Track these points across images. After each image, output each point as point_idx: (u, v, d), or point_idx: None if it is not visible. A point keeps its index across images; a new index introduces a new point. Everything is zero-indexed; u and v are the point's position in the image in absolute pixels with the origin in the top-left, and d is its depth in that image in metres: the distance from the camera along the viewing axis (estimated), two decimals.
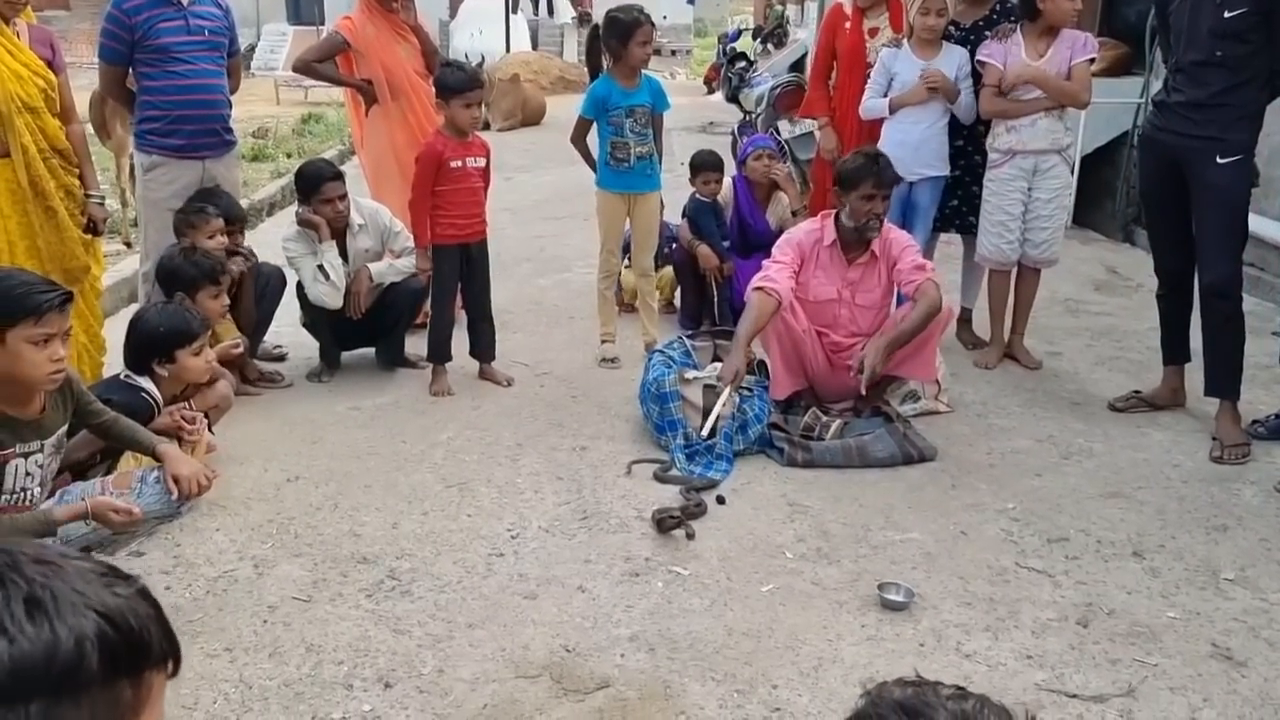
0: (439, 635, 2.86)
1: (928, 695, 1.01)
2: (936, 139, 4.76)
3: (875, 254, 4.13)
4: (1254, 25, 3.69)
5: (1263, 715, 2.52)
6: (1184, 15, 3.86)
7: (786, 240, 4.21)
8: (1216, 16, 3.72)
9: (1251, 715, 2.52)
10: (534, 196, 8.53)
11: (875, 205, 4.03)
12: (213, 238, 4.26)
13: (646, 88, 4.66)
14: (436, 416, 4.32)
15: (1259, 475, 3.72)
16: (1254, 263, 4.84)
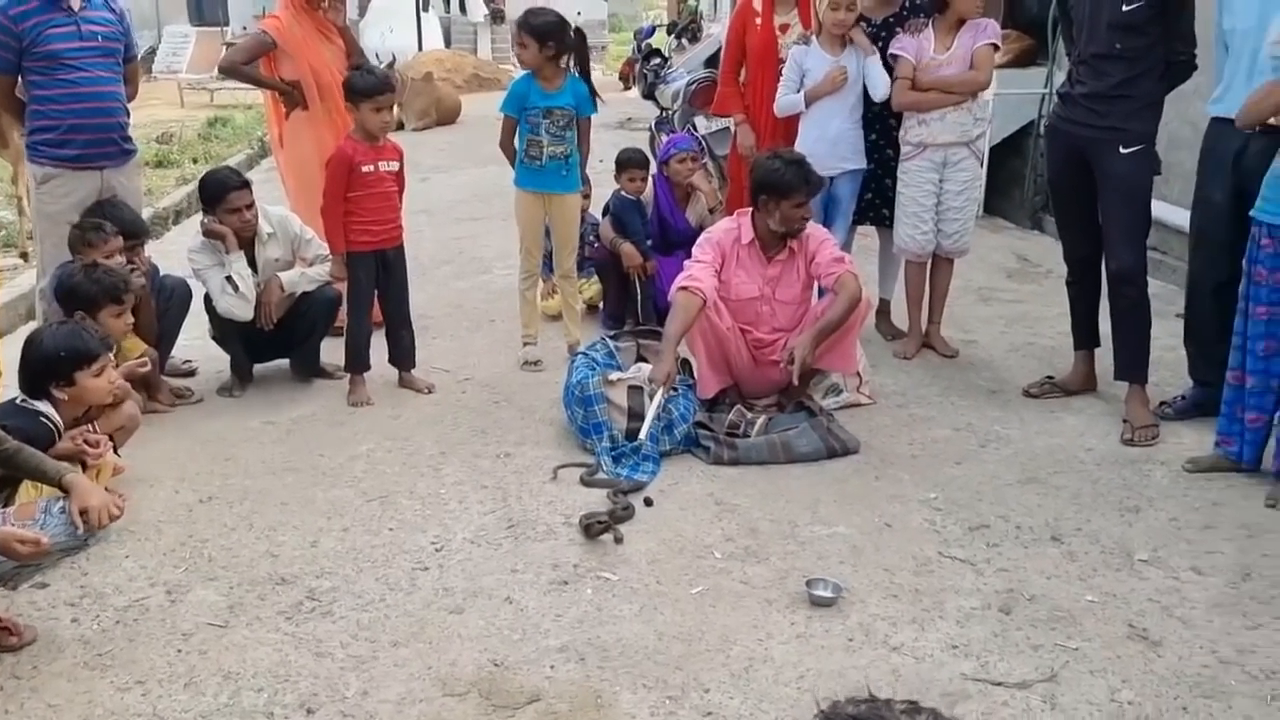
0: (362, 656, 2.79)
1: (882, 711, 1.03)
2: (853, 132, 4.81)
3: (793, 250, 4.15)
4: (1151, 18, 3.79)
5: (1178, 693, 2.59)
6: (1084, 8, 3.94)
7: (706, 239, 4.21)
8: (1115, 10, 3.81)
9: (1167, 694, 2.59)
10: (451, 197, 8.41)
11: (805, 211, 4.07)
12: (110, 257, 4.09)
13: (570, 90, 4.61)
14: (355, 428, 4.22)
15: (1168, 456, 3.82)
16: (1156, 246, 4.99)
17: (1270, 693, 2.58)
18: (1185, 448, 3.86)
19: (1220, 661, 2.70)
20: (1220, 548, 3.22)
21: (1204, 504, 3.48)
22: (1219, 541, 3.25)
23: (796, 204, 4.02)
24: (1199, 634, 2.81)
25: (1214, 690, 2.59)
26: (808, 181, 4.01)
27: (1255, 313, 3.45)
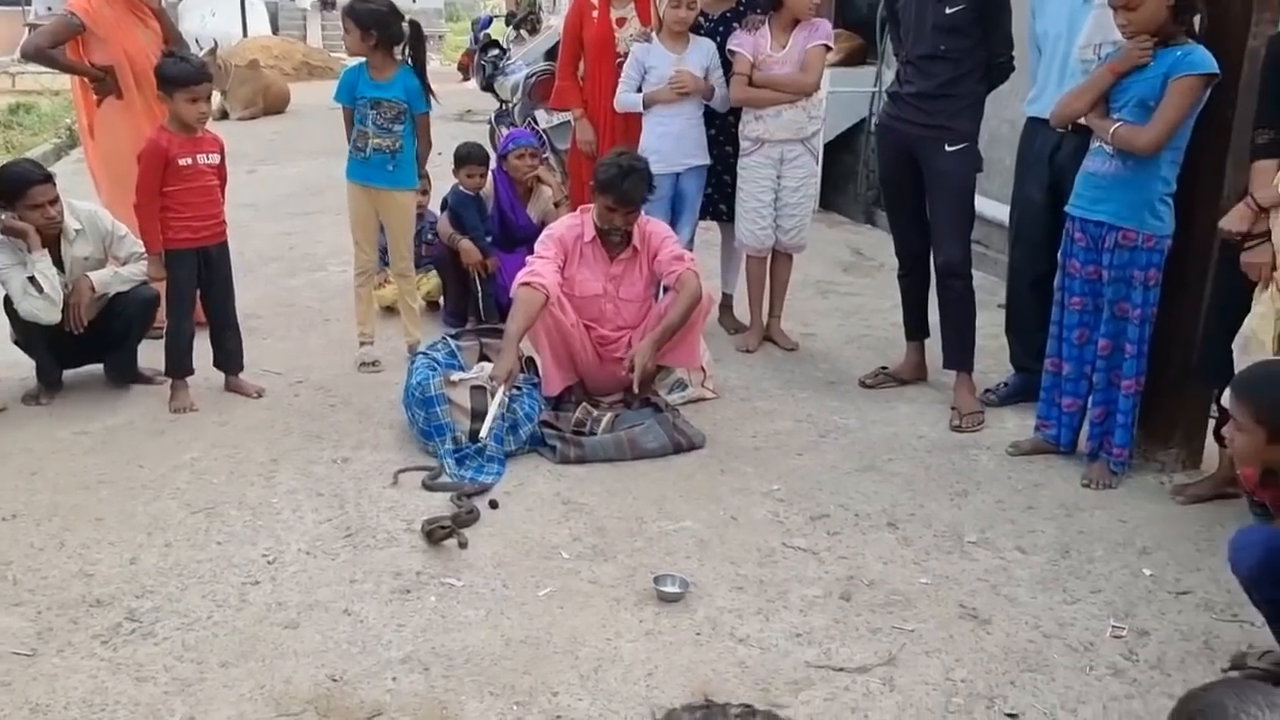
0: (188, 679, 2.63)
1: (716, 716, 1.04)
2: (696, 129, 4.84)
3: (636, 248, 4.15)
4: (972, 21, 3.95)
5: (1006, 669, 2.71)
6: (910, 11, 4.08)
7: (549, 235, 4.16)
8: (939, 12, 3.96)
9: (997, 670, 2.70)
10: (280, 190, 8.06)
11: (617, 218, 4.05)
12: None
13: (401, 82, 4.45)
14: (178, 436, 3.98)
15: (993, 440, 4.01)
16: (979, 240, 5.22)
17: (1089, 664, 2.72)
18: (1008, 432, 4.05)
19: (1044, 636, 2.84)
20: (1042, 527, 3.39)
21: (1026, 485, 3.67)
22: (1040, 521, 3.43)
23: (608, 206, 4.01)
24: (1024, 610, 2.95)
25: (1038, 664, 2.72)
26: (618, 192, 3.98)
27: (1070, 303, 3.65)
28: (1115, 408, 3.60)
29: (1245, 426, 2.38)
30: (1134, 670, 2.70)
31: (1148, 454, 3.74)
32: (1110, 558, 3.21)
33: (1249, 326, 3.11)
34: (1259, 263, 3.11)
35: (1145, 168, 3.37)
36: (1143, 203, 3.40)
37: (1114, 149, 3.40)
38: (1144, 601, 2.99)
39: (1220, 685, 1.11)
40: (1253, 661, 2.67)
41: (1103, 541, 3.30)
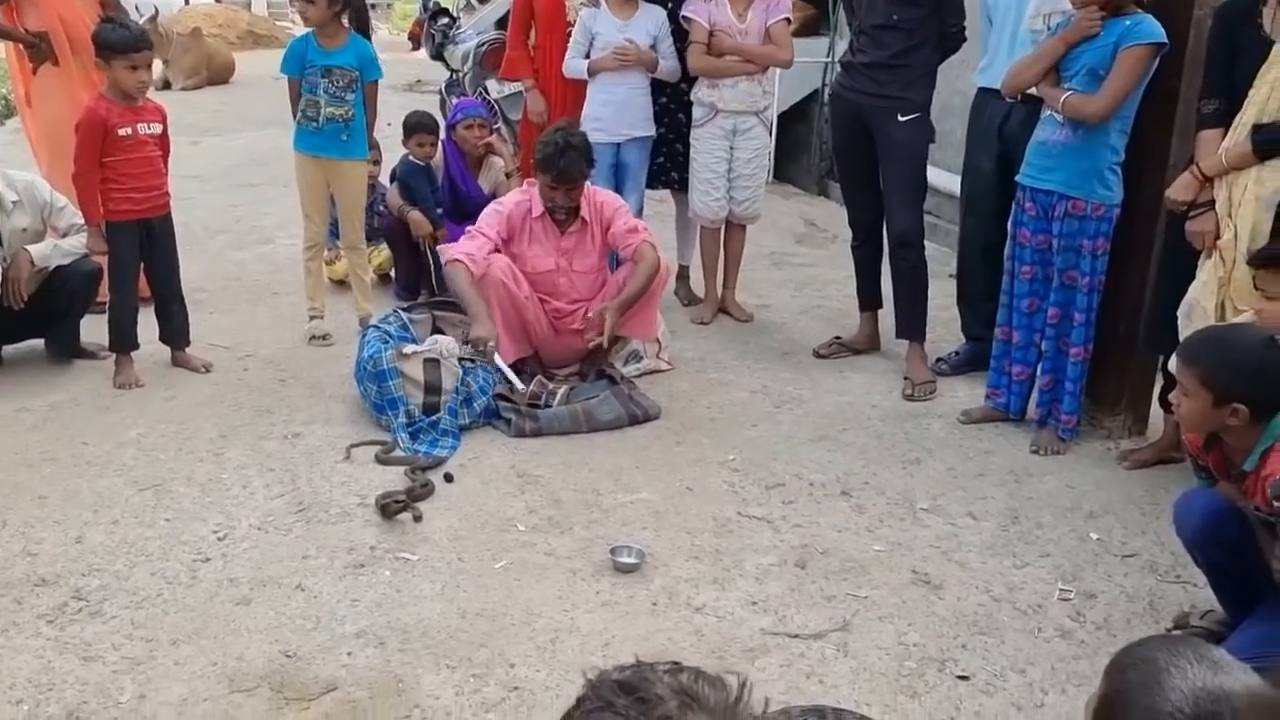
0: (138, 657, 2.59)
1: (645, 672, 1.05)
2: (641, 99, 4.80)
3: (586, 220, 4.12)
4: None
5: (957, 632, 2.75)
6: None
7: (495, 210, 4.11)
8: None
9: (948, 633, 2.74)
10: (225, 162, 7.89)
11: (559, 196, 4.01)
12: None
13: (352, 50, 4.37)
14: (123, 412, 3.90)
15: (945, 409, 4.05)
16: (931, 211, 5.26)
17: (1038, 626, 2.78)
18: (960, 401, 4.10)
19: (994, 600, 2.88)
20: (992, 493, 3.44)
21: (977, 453, 3.71)
22: (991, 488, 3.48)
23: (548, 184, 3.98)
24: (975, 575, 2.99)
25: (988, 627, 2.77)
26: (555, 169, 3.94)
27: (1020, 273, 3.69)
28: (1064, 375, 3.65)
29: (1190, 391, 2.42)
30: (1081, 631, 2.75)
31: (1095, 420, 3.81)
32: (1058, 522, 3.27)
33: (1193, 294, 3.17)
34: (1203, 231, 3.17)
35: (1094, 137, 3.40)
36: (1092, 172, 3.43)
37: (1064, 118, 3.43)
38: (1091, 565, 3.05)
39: (1152, 640, 1.15)
40: (1195, 621, 2.74)
41: (1051, 507, 3.36)
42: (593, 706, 1.03)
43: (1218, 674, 1.06)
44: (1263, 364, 2.36)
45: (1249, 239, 3.02)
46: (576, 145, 3.98)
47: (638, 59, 4.69)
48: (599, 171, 4.77)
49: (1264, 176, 3.02)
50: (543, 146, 3.99)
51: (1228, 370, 2.36)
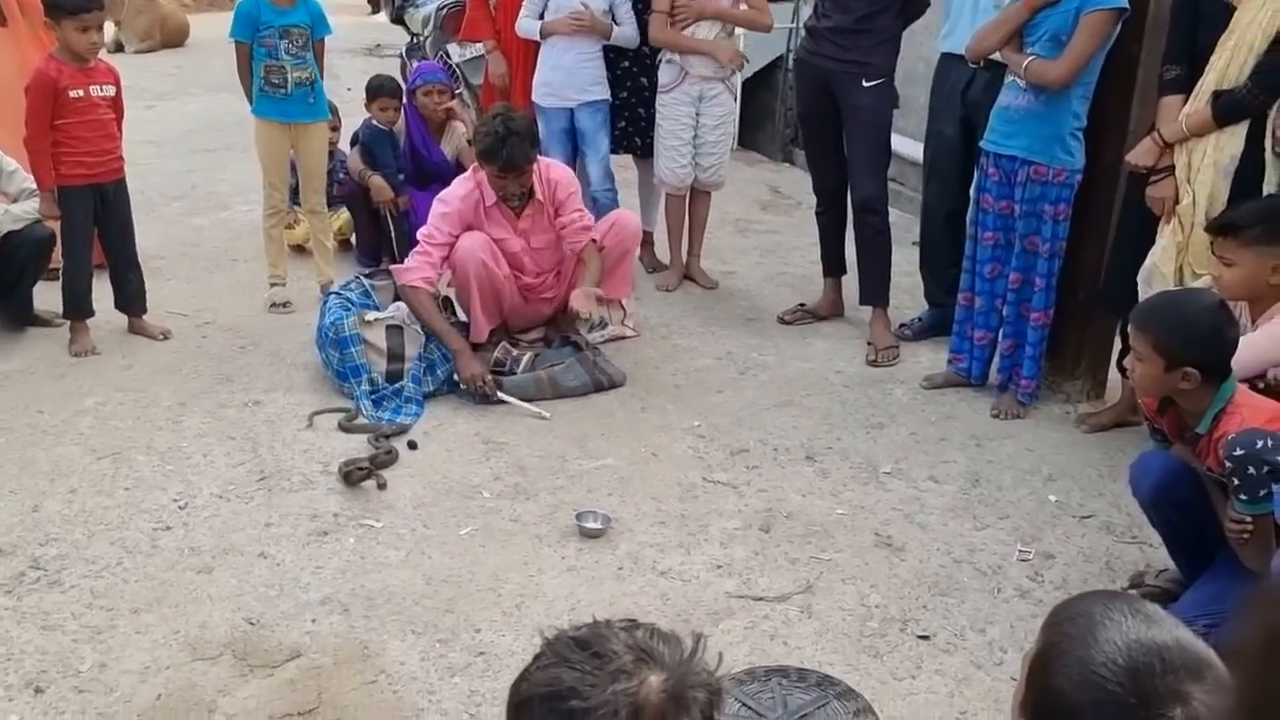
0: (98, 626, 2.56)
1: (601, 630, 1.08)
2: (593, 64, 4.74)
3: (540, 199, 4.03)
4: None
5: (919, 593, 2.79)
6: None
7: (443, 215, 3.92)
8: None
9: (910, 594, 2.78)
10: (181, 126, 7.73)
11: (509, 185, 3.88)
12: None
13: (303, 7, 4.29)
14: (80, 380, 3.84)
15: (907, 374, 4.09)
16: (895, 178, 5.27)
17: (997, 586, 2.82)
18: (922, 366, 4.13)
19: (954, 561, 2.93)
20: (953, 457, 3.48)
21: (939, 417, 3.75)
22: (952, 451, 3.52)
23: (497, 175, 3.83)
24: (936, 537, 3.03)
25: (949, 588, 2.81)
26: (501, 159, 3.77)
27: (983, 238, 3.71)
28: (1024, 340, 3.69)
29: (1144, 356, 2.45)
30: (1039, 591, 2.80)
31: (1054, 385, 3.86)
32: (1018, 485, 3.32)
33: (1152, 259, 3.21)
34: (1163, 196, 3.20)
35: (1057, 102, 3.42)
36: (1054, 137, 3.45)
37: (1027, 84, 3.44)
38: (1049, 526, 3.10)
39: (1088, 596, 1.17)
40: (1150, 580, 2.80)
41: (1011, 470, 3.40)
42: (548, 662, 1.05)
43: (1150, 627, 1.08)
44: (1213, 329, 2.40)
45: (1207, 205, 3.06)
46: (518, 130, 3.78)
47: (592, 26, 4.63)
48: (553, 138, 4.74)
49: (1223, 143, 3.05)
50: (483, 137, 3.80)
51: (1179, 336, 2.40)
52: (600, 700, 0.99)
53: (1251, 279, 2.73)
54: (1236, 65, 2.99)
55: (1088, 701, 1.05)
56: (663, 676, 1.02)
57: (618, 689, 1.00)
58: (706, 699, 1.04)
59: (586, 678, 1.01)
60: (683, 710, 1.01)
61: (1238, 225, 2.74)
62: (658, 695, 1.01)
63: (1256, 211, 2.77)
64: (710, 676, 1.06)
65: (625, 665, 1.02)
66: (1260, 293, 2.75)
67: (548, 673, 1.04)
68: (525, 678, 1.06)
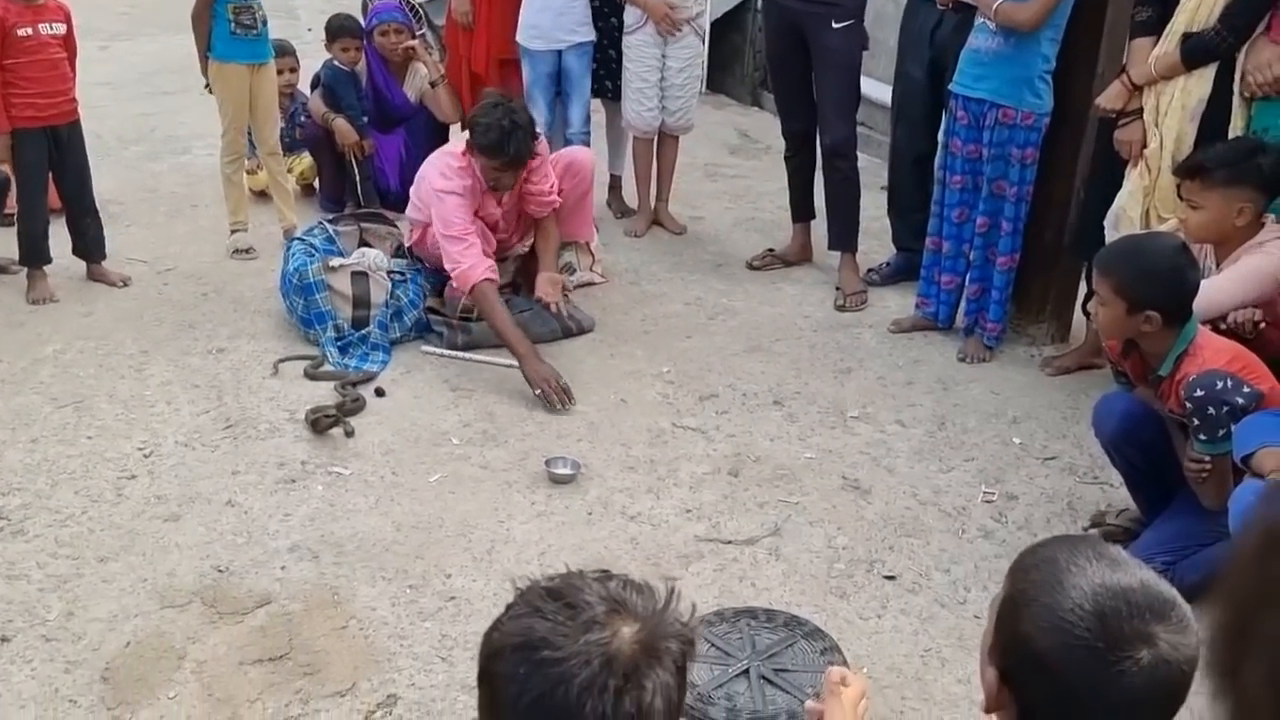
0: (64, 575, 2.55)
1: (574, 580, 1.07)
2: (580, 4, 4.64)
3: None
4: None
5: (885, 535, 2.83)
6: None
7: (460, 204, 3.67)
8: None
9: (876, 536, 2.82)
10: (139, 68, 7.53)
11: (506, 178, 3.71)
12: None
13: None
14: (39, 328, 3.77)
15: (875, 319, 4.10)
16: (864, 121, 5.24)
17: (961, 527, 2.86)
18: (890, 311, 4.14)
19: (920, 503, 2.96)
20: (920, 400, 3.51)
21: (906, 361, 3.77)
22: (919, 395, 3.55)
23: (496, 168, 3.67)
24: (902, 480, 3.07)
25: (915, 529, 2.85)
26: (507, 156, 3.60)
27: (951, 182, 3.71)
28: (990, 284, 3.71)
29: (1107, 299, 2.47)
30: (1002, 531, 2.85)
31: (1020, 328, 3.89)
32: (983, 428, 3.35)
33: (1120, 203, 3.22)
34: (1130, 140, 3.20)
35: (1026, 45, 3.40)
36: (1023, 80, 3.44)
37: (996, 26, 3.42)
38: (1013, 468, 3.14)
39: (1053, 541, 1.19)
40: (1111, 519, 2.85)
41: (976, 413, 3.44)
42: (521, 612, 1.04)
43: (1115, 571, 1.09)
44: (1174, 272, 2.42)
45: (1174, 148, 3.07)
46: (521, 124, 3.62)
47: None
48: (538, 82, 4.66)
49: (1190, 86, 3.05)
50: (485, 131, 3.59)
51: (1140, 279, 2.42)
52: (572, 651, 0.99)
53: (1217, 221, 2.76)
54: (1206, 7, 2.98)
55: (1056, 646, 1.07)
56: (635, 627, 1.02)
57: (590, 639, 1.00)
58: (679, 650, 1.04)
59: (559, 628, 1.01)
60: (655, 661, 1.01)
61: (1205, 168, 2.76)
62: (630, 646, 1.01)
63: (1223, 154, 2.79)
64: (683, 628, 1.06)
65: (598, 616, 1.02)
66: (1226, 235, 2.77)
67: (520, 623, 1.03)
68: (497, 627, 1.06)
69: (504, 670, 1.02)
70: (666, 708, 1.01)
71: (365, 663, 2.32)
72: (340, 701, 2.22)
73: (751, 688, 2.23)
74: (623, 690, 0.99)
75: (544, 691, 0.98)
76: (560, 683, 0.98)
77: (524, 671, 1.00)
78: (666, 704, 1.01)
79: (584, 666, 0.98)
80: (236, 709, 2.19)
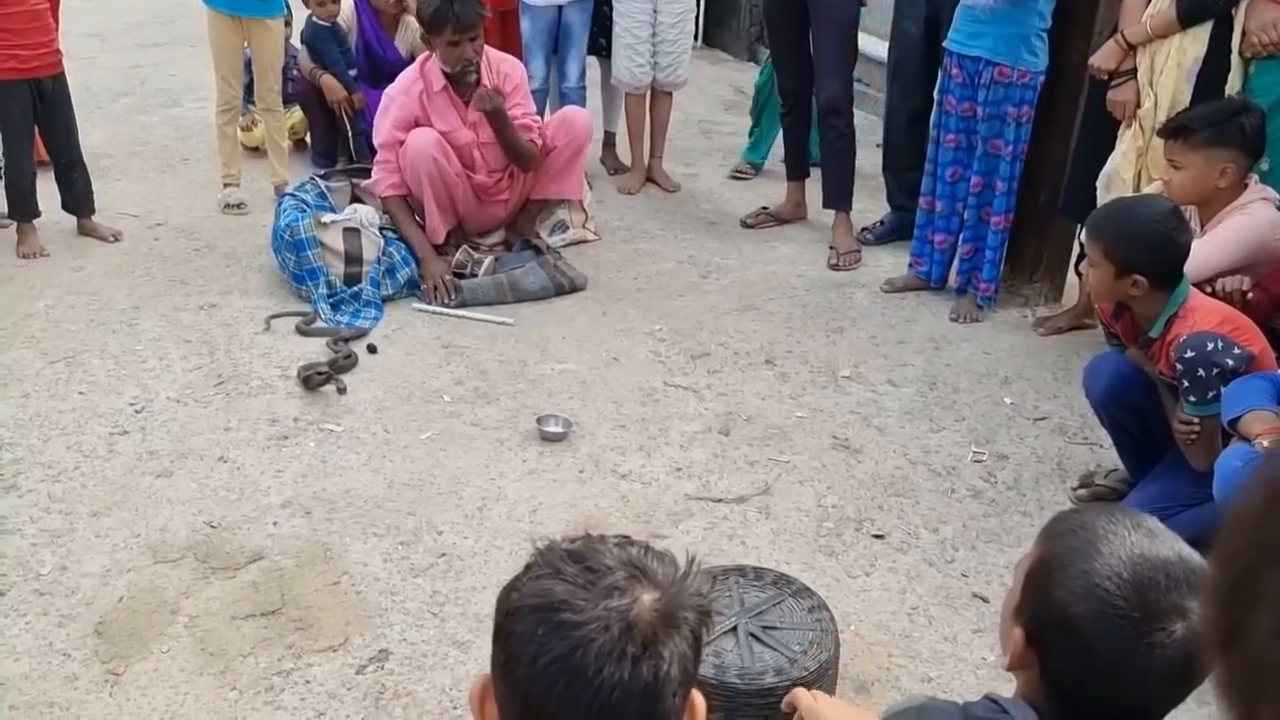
0: (57, 530, 2.56)
1: (595, 544, 1.05)
2: None
3: (486, 86, 3.92)
4: None
5: (874, 494, 2.84)
6: None
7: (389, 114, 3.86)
8: None
9: (865, 495, 2.84)
10: (126, 18, 7.43)
11: (464, 50, 3.74)
12: None
13: None
14: (29, 282, 3.75)
15: (868, 278, 4.09)
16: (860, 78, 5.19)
17: (951, 487, 2.88)
18: (884, 270, 4.14)
19: (910, 462, 2.98)
20: (912, 360, 3.51)
21: (899, 321, 3.78)
22: (911, 355, 3.55)
23: (449, 42, 3.70)
24: (893, 440, 3.08)
25: (905, 489, 2.87)
26: (452, 18, 3.65)
27: (945, 141, 3.69)
28: (984, 244, 3.70)
29: (1097, 262, 2.47)
30: (992, 491, 2.87)
31: (1013, 288, 3.89)
32: (974, 388, 3.36)
33: (1112, 164, 3.21)
34: (1124, 100, 3.18)
35: (1023, 3, 3.36)
36: (1019, 38, 3.41)
37: None
38: (1004, 428, 3.16)
39: (1091, 508, 1.19)
40: (1099, 480, 2.87)
41: (968, 373, 3.45)
42: (541, 573, 1.02)
43: (1153, 542, 1.09)
44: (1162, 236, 2.41)
45: (1169, 108, 3.05)
46: None
47: None
48: (538, 37, 4.60)
49: (1186, 44, 3.03)
50: (428, 4, 3.69)
51: (1129, 242, 2.41)
52: (592, 615, 0.97)
53: (1200, 181, 2.75)
54: None
55: (1089, 613, 1.07)
56: (655, 594, 1.00)
57: (610, 604, 0.98)
58: (697, 619, 1.02)
59: (579, 591, 0.99)
60: (673, 629, 1.00)
61: (1188, 128, 2.75)
62: (650, 613, 0.99)
63: (1206, 114, 2.78)
64: (702, 598, 1.05)
65: (618, 581, 1.00)
66: (1209, 196, 2.77)
67: (539, 583, 1.01)
68: (516, 587, 1.04)
69: (521, 630, 1.00)
70: (682, 677, 1.00)
71: (357, 618, 2.34)
72: (332, 656, 2.24)
73: (739, 645, 2.25)
74: (640, 658, 0.97)
75: (562, 654, 0.97)
76: (578, 646, 0.97)
77: (542, 633, 0.98)
78: (682, 673, 1.00)
79: (603, 632, 0.97)
80: (229, 663, 2.21)
